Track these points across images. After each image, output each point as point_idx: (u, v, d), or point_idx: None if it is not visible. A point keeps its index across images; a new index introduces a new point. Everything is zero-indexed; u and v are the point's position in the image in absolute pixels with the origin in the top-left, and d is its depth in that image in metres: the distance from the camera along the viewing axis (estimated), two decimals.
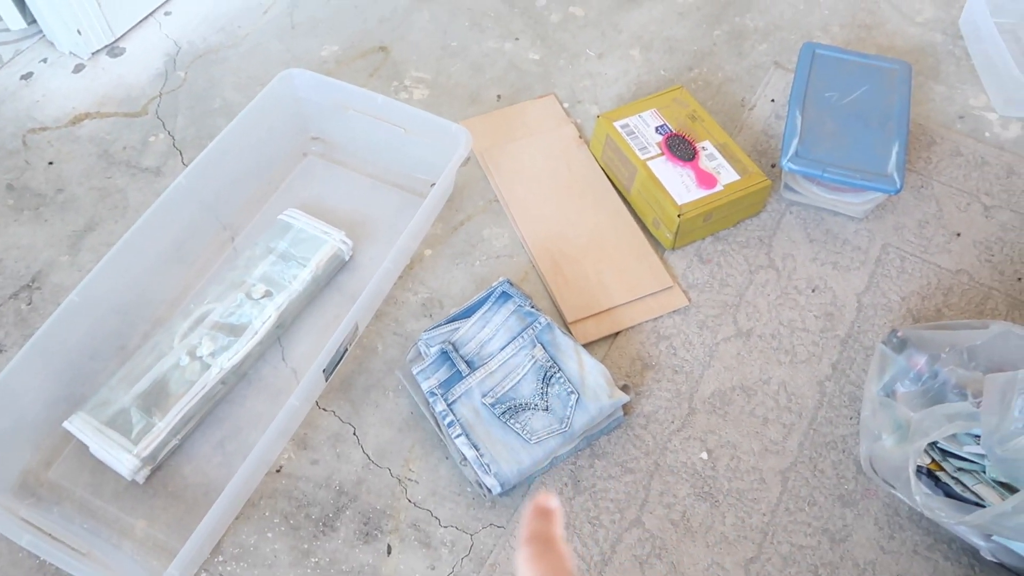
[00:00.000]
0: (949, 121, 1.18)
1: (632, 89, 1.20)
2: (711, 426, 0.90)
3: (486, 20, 1.29)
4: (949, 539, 0.83)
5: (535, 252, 1.02)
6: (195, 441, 0.88)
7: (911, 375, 0.85)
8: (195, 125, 1.14)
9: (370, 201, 1.06)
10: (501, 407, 0.85)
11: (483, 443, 0.82)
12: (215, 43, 1.25)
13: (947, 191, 1.10)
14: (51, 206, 1.06)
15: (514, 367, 0.87)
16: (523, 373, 0.86)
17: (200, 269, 1.00)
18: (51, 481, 0.84)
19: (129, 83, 1.19)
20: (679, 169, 1.01)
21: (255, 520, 0.83)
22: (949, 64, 1.25)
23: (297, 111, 1.08)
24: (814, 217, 1.07)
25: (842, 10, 1.32)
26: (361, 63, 1.23)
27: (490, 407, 0.85)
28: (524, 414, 0.84)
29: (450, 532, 0.83)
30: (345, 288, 0.99)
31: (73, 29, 1.17)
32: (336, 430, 0.89)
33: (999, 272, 1.02)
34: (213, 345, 0.89)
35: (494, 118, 1.16)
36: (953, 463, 0.81)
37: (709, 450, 0.89)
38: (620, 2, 1.32)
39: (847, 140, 1.02)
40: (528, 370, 0.86)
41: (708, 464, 0.88)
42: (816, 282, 1.01)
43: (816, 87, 1.08)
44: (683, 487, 0.86)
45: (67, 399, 0.87)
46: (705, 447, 0.89)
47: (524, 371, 0.86)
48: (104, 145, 1.12)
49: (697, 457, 0.88)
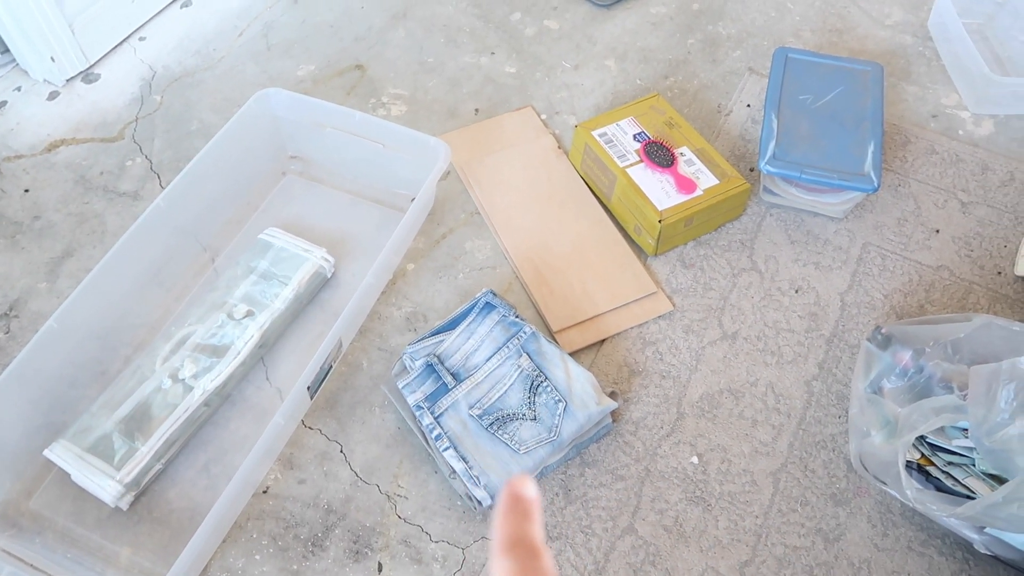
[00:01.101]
0: (923, 120, 1.19)
1: (609, 99, 1.21)
2: (700, 430, 0.90)
3: (461, 36, 1.30)
4: (943, 534, 0.83)
5: (518, 263, 1.02)
6: (179, 465, 0.86)
7: (897, 371, 0.86)
8: (172, 148, 1.14)
9: (351, 218, 1.06)
10: (489, 418, 0.84)
11: (472, 455, 0.82)
12: (191, 66, 1.24)
13: (924, 189, 1.11)
14: (28, 233, 1.04)
15: (500, 377, 0.86)
16: (510, 383, 0.86)
17: (181, 291, 0.99)
18: (32, 511, 0.82)
19: (105, 108, 1.19)
20: (658, 175, 1.02)
21: (242, 543, 0.82)
22: (920, 65, 1.27)
23: (275, 130, 1.07)
24: (794, 219, 1.07)
25: (813, 16, 1.34)
26: (338, 81, 1.23)
27: (477, 419, 0.84)
28: (512, 424, 0.84)
29: (441, 547, 0.82)
30: (328, 305, 0.98)
31: (47, 56, 1.17)
32: (323, 448, 0.88)
33: (979, 266, 1.03)
34: (195, 367, 0.88)
35: (473, 131, 1.16)
36: (943, 457, 0.81)
37: (699, 454, 0.88)
38: (594, 14, 1.33)
39: (823, 141, 1.03)
40: (515, 380, 0.86)
41: (699, 468, 0.87)
42: (799, 283, 1.01)
43: (790, 91, 1.09)
44: (675, 492, 0.85)
45: (47, 427, 0.85)
46: (695, 451, 0.88)
47: (511, 381, 0.86)
48: (80, 171, 1.11)
49: (688, 462, 0.88)
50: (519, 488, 0.31)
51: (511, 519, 0.30)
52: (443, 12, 1.33)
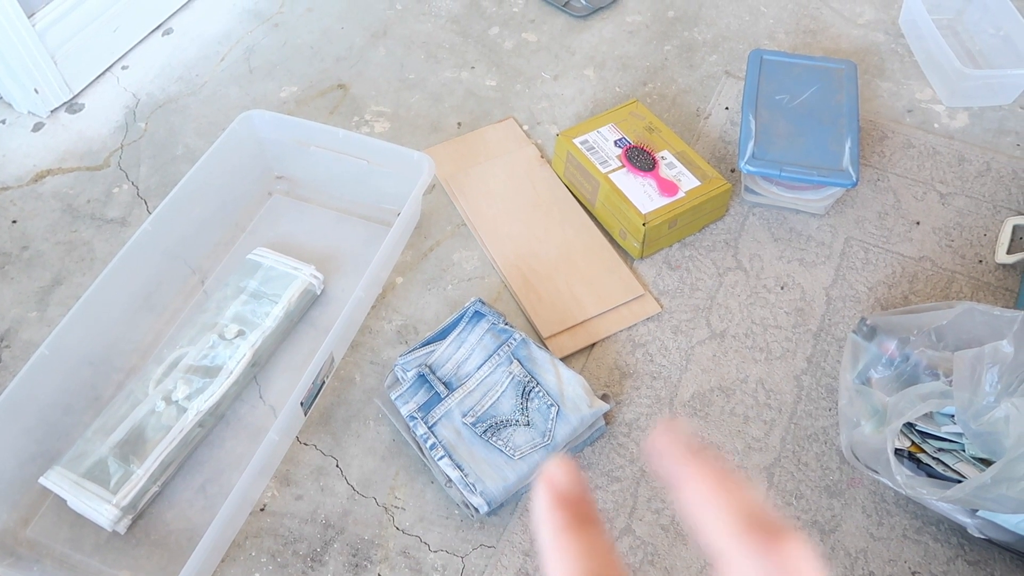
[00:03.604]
0: (898, 116, 1.21)
1: (589, 107, 1.22)
2: (693, 428, 0.90)
3: (441, 52, 1.31)
4: (937, 520, 0.84)
5: (506, 271, 1.02)
6: (176, 487, 0.86)
7: (883, 360, 0.87)
8: (159, 173, 1.14)
9: (338, 235, 1.07)
10: (482, 425, 0.84)
11: (467, 463, 0.82)
12: (174, 92, 1.25)
13: (903, 182, 1.12)
14: (16, 263, 1.05)
15: (492, 385, 0.87)
16: (502, 390, 0.86)
17: (171, 315, 0.99)
18: (30, 539, 0.82)
19: (90, 137, 1.19)
20: (640, 179, 1.03)
21: (241, 561, 0.82)
22: (893, 62, 1.29)
23: (259, 151, 1.08)
24: (777, 217, 1.08)
25: (786, 18, 1.36)
26: (321, 101, 1.24)
27: (471, 426, 0.84)
28: (506, 431, 0.84)
29: (440, 556, 0.82)
30: (319, 322, 0.99)
31: (30, 88, 1.18)
32: (319, 464, 0.88)
33: (960, 256, 1.04)
34: (188, 388, 0.88)
35: (456, 145, 1.17)
36: (933, 444, 0.82)
37: None
38: (571, 25, 1.35)
39: (801, 139, 1.05)
40: (506, 386, 0.87)
41: None
42: (784, 279, 1.03)
43: (767, 91, 1.10)
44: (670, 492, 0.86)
45: (42, 455, 0.85)
46: None
47: (503, 388, 0.87)
48: (67, 200, 1.12)
49: None
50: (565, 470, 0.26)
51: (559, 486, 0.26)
52: (422, 29, 1.35)
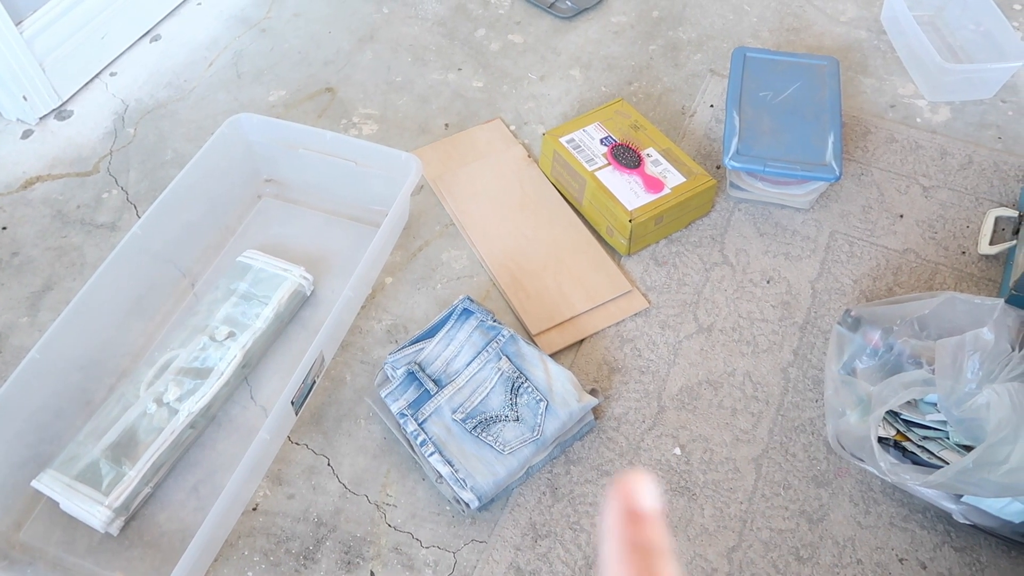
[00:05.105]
0: (881, 111, 1.22)
1: (576, 107, 1.23)
2: (682, 422, 0.91)
3: (428, 54, 1.32)
4: (923, 508, 0.85)
5: (494, 270, 1.03)
6: (168, 488, 0.87)
7: (868, 351, 0.88)
8: (148, 179, 1.15)
9: (328, 236, 1.07)
10: (472, 421, 0.85)
11: (457, 459, 0.83)
12: (163, 98, 1.26)
13: (886, 176, 1.14)
14: (7, 270, 1.05)
15: (481, 381, 0.88)
16: (491, 386, 0.87)
17: (162, 318, 1.00)
18: (23, 543, 0.83)
19: (79, 144, 1.20)
20: (626, 177, 1.04)
21: (234, 561, 0.82)
22: (876, 58, 1.30)
23: (248, 155, 1.09)
24: (762, 212, 1.10)
25: (769, 16, 1.37)
26: (309, 105, 1.25)
27: (461, 423, 0.85)
28: (495, 426, 0.85)
29: (432, 552, 0.83)
30: (309, 323, 1.00)
31: (19, 96, 1.18)
32: (310, 463, 0.89)
33: (943, 248, 1.06)
34: (179, 390, 0.89)
35: (444, 145, 1.18)
36: (918, 432, 0.83)
37: (682, 445, 0.90)
38: (556, 26, 1.36)
39: (785, 135, 1.06)
40: (496, 383, 0.87)
41: (682, 459, 0.89)
42: (770, 273, 1.04)
43: (750, 88, 1.12)
44: (659, 484, 0.87)
45: (35, 459, 0.86)
46: (678, 443, 0.90)
47: (492, 384, 0.87)
48: (57, 206, 1.12)
49: (671, 453, 0.89)
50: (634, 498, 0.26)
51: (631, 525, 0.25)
52: (409, 32, 1.36)
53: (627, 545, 0.25)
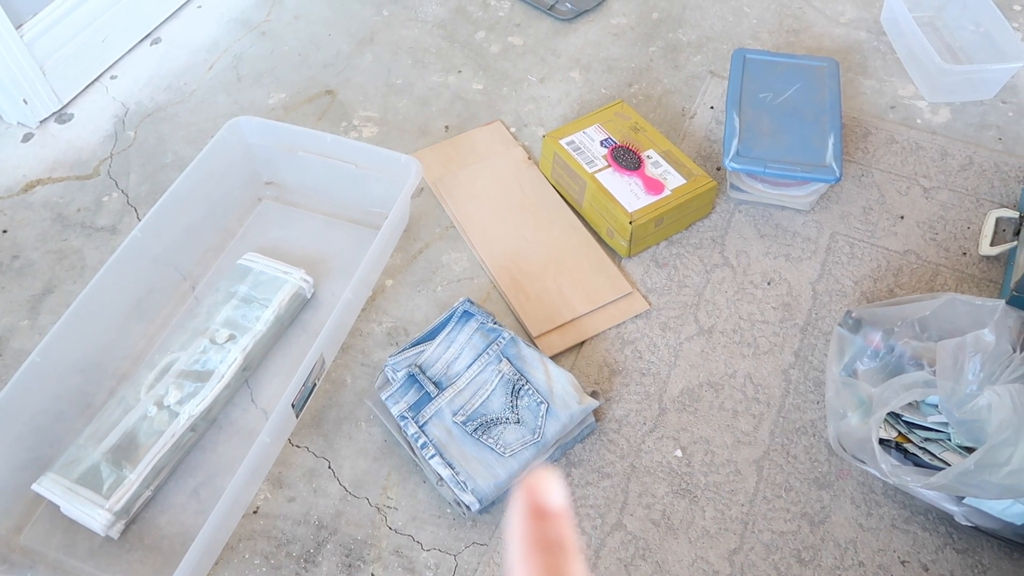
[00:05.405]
0: (881, 112, 1.22)
1: (576, 109, 1.23)
2: (683, 424, 0.91)
3: (428, 56, 1.32)
4: (925, 510, 0.85)
5: (495, 272, 1.03)
6: (169, 491, 0.87)
7: (869, 352, 0.87)
8: (148, 182, 1.15)
9: (328, 239, 1.07)
10: (473, 424, 0.85)
11: (457, 461, 0.83)
12: (163, 101, 1.26)
13: (887, 177, 1.14)
14: (7, 273, 1.05)
15: (482, 383, 0.87)
16: (491, 388, 0.87)
17: (163, 321, 0.99)
18: (23, 546, 0.82)
19: (79, 147, 1.20)
20: (626, 178, 1.04)
21: (235, 564, 0.82)
22: (875, 59, 1.30)
23: (248, 157, 1.09)
24: (762, 213, 1.09)
25: (769, 18, 1.37)
26: (309, 107, 1.25)
27: (462, 425, 0.85)
28: (496, 428, 0.85)
29: (433, 555, 0.83)
30: (309, 326, 1.00)
31: (19, 99, 1.18)
32: (311, 466, 0.89)
33: (944, 249, 1.06)
34: (180, 393, 0.89)
35: (444, 148, 1.18)
36: (919, 434, 0.83)
37: (683, 447, 0.89)
38: (556, 28, 1.36)
39: (785, 136, 1.06)
40: (496, 385, 0.87)
41: (683, 461, 0.88)
42: (771, 275, 1.03)
43: (750, 89, 1.12)
44: (661, 486, 0.87)
45: (35, 462, 0.86)
46: (679, 445, 0.90)
47: (492, 386, 0.87)
48: (58, 209, 1.12)
49: (672, 455, 0.89)
50: (540, 494, 0.25)
51: (536, 521, 0.25)
52: (409, 35, 1.36)
53: (533, 543, 0.25)
